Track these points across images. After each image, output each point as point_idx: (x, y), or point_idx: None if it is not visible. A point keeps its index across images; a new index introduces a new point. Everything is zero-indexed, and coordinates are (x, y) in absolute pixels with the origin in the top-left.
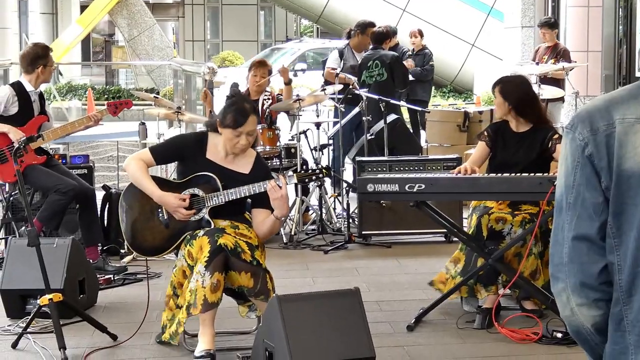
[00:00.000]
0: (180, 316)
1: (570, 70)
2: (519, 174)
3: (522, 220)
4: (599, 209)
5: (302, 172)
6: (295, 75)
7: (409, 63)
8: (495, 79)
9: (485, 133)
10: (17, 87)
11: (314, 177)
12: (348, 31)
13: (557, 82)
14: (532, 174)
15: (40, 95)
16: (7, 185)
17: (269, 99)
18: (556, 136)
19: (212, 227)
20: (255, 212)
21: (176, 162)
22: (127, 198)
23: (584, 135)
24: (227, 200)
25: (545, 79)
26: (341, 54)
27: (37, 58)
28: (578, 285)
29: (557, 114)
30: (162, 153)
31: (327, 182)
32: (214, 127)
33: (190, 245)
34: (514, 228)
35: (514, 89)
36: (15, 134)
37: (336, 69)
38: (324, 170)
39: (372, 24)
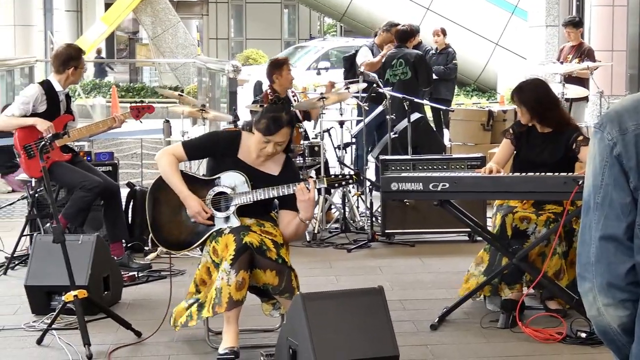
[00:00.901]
0: (204, 313)
1: (595, 69)
2: (543, 174)
3: (546, 220)
4: (627, 209)
5: (332, 176)
6: (318, 73)
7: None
8: (519, 77)
9: (511, 131)
10: (46, 86)
11: (343, 183)
12: (376, 31)
13: (582, 82)
14: (557, 174)
15: (67, 95)
16: (33, 181)
17: (295, 95)
18: (581, 138)
19: (239, 225)
20: (282, 213)
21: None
22: (156, 190)
23: (612, 135)
24: (255, 199)
25: (569, 78)
26: (371, 50)
27: (69, 59)
28: (605, 286)
29: (581, 114)
30: (194, 149)
31: None
32: (250, 127)
33: (215, 242)
34: (538, 227)
35: (530, 96)
36: (43, 124)
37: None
38: (353, 176)
39: (398, 25)
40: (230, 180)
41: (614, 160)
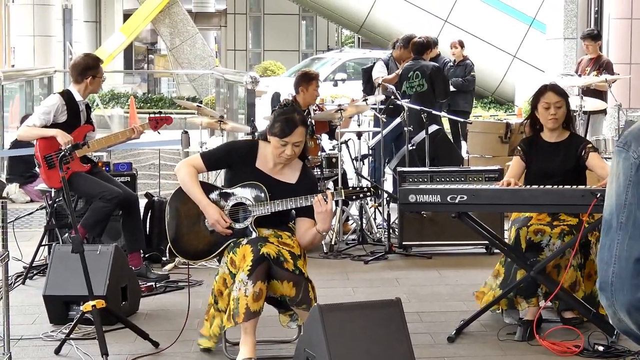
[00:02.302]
0: (224, 323)
1: (613, 82)
2: (561, 186)
3: (560, 232)
4: None
5: (350, 189)
6: (335, 85)
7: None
8: (536, 90)
9: (519, 148)
10: (67, 96)
11: (361, 195)
12: (394, 42)
13: (600, 94)
14: (575, 187)
15: (87, 105)
16: (52, 192)
17: (316, 109)
18: (590, 145)
19: (256, 236)
20: (300, 220)
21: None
22: (175, 201)
23: (638, 153)
24: (273, 211)
25: (587, 91)
26: (386, 64)
27: (87, 69)
28: (626, 305)
29: (599, 126)
30: (213, 159)
31: None
32: (265, 136)
33: (233, 253)
34: (553, 240)
35: (567, 95)
36: (63, 137)
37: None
38: (371, 189)
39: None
40: (249, 192)
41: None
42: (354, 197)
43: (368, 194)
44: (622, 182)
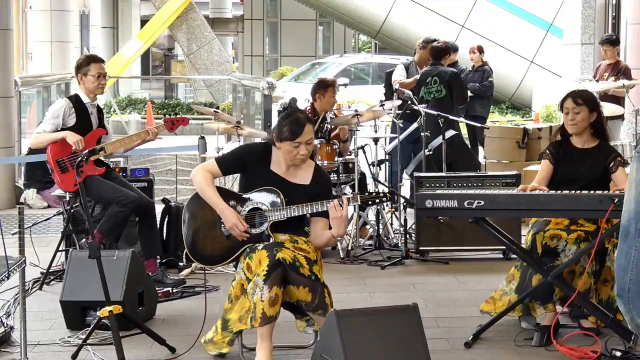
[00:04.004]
0: (237, 325)
1: (631, 87)
2: (579, 192)
3: (576, 238)
4: None
5: (366, 194)
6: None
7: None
8: (554, 95)
9: (548, 151)
10: (74, 99)
11: (377, 201)
12: (415, 49)
13: (618, 100)
14: (593, 192)
15: (99, 109)
16: (67, 196)
17: (333, 115)
18: (619, 159)
19: (272, 241)
20: (315, 220)
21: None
22: (192, 206)
23: None
24: (289, 216)
25: (605, 97)
26: (406, 69)
27: (78, 67)
28: None
29: (617, 132)
30: (228, 163)
31: None
32: (272, 142)
33: (249, 259)
34: (569, 245)
35: (595, 101)
36: (73, 137)
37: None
38: (387, 194)
39: (435, 41)
40: (265, 196)
41: None
42: (369, 202)
43: (384, 199)
44: None
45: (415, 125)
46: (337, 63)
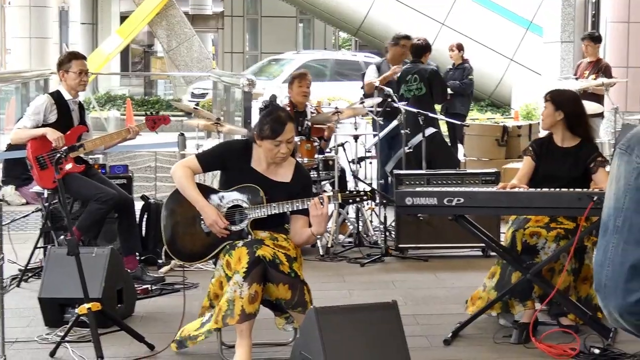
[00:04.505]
0: (211, 324)
1: (610, 86)
2: (558, 189)
3: (556, 236)
4: None
5: (347, 192)
6: None
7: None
8: (534, 93)
9: (530, 148)
10: (56, 95)
11: (357, 199)
12: (386, 47)
13: (598, 98)
14: (572, 190)
15: (80, 106)
16: (46, 193)
17: (314, 112)
18: (600, 158)
19: (252, 238)
20: (295, 217)
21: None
22: (171, 202)
23: None
24: (269, 213)
25: (586, 95)
26: (378, 68)
27: (60, 64)
28: (617, 308)
29: (597, 129)
30: (209, 160)
31: None
32: (253, 139)
33: (229, 256)
34: (548, 243)
35: (566, 101)
36: (53, 134)
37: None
38: (368, 192)
39: (406, 37)
40: (245, 194)
41: (639, 184)
42: (350, 200)
43: (365, 197)
44: (622, 186)
45: (395, 122)
46: (294, 59)
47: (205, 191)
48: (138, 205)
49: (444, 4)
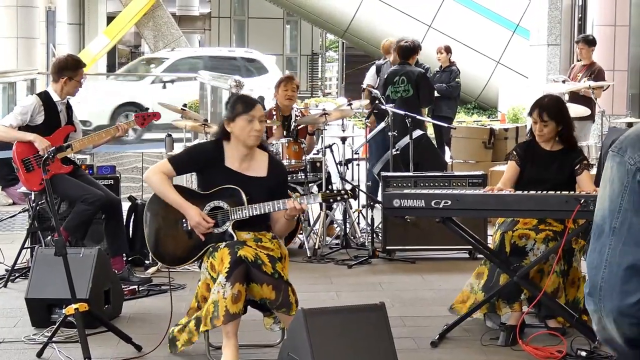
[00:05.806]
0: (201, 327)
1: (598, 89)
2: (545, 192)
3: (545, 238)
4: None
5: (328, 191)
6: (164, 87)
7: None
8: (520, 96)
9: (514, 152)
10: (44, 96)
11: (338, 198)
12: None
13: (589, 101)
14: (559, 192)
15: (68, 106)
16: (33, 194)
17: (299, 114)
18: (585, 162)
19: (235, 239)
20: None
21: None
22: (152, 206)
23: (635, 159)
24: (250, 214)
25: (577, 98)
26: (378, 70)
27: (64, 69)
28: (613, 311)
29: (587, 133)
30: (181, 162)
31: None
32: (224, 132)
33: (212, 258)
34: (537, 245)
35: (561, 114)
36: (41, 143)
37: (373, 86)
38: (349, 191)
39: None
40: (226, 195)
41: (636, 185)
42: (331, 199)
43: (345, 196)
44: (617, 188)
45: (382, 125)
46: (170, 57)
47: (186, 194)
48: (125, 206)
49: (431, 6)
